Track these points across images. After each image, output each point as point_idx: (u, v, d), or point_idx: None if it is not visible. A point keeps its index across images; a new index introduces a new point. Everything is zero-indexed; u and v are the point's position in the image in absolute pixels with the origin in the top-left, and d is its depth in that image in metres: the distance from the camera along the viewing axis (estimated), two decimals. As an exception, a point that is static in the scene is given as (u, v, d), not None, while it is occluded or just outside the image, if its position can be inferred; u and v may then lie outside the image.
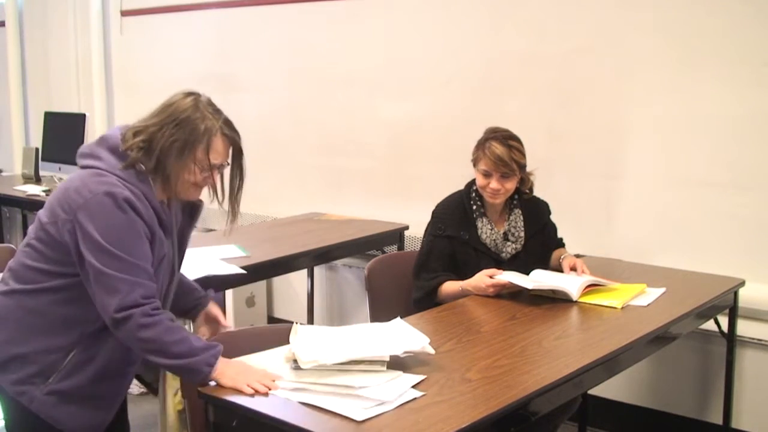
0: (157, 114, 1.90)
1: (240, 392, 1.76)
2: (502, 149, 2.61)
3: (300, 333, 2.01)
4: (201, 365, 1.78)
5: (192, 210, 2.13)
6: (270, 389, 1.76)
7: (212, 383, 1.80)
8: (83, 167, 1.88)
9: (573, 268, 2.69)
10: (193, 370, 1.79)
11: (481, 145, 2.66)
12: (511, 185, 2.67)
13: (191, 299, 2.21)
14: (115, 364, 1.92)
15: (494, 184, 2.63)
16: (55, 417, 1.86)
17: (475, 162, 2.69)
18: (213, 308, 2.23)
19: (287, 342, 1.97)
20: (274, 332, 2.13)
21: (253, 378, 1.79)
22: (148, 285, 1.81)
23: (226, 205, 2.01)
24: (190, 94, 1.95)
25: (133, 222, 1.80)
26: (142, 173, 1.86)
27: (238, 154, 1.99)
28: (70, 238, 1.80)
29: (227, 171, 2.00)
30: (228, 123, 1.98)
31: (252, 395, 1.74)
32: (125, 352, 1.91)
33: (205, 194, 2.06)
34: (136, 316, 1.76)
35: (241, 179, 2.00)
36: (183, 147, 1.86)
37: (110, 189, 1.79)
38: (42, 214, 1.88)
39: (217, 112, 1.96)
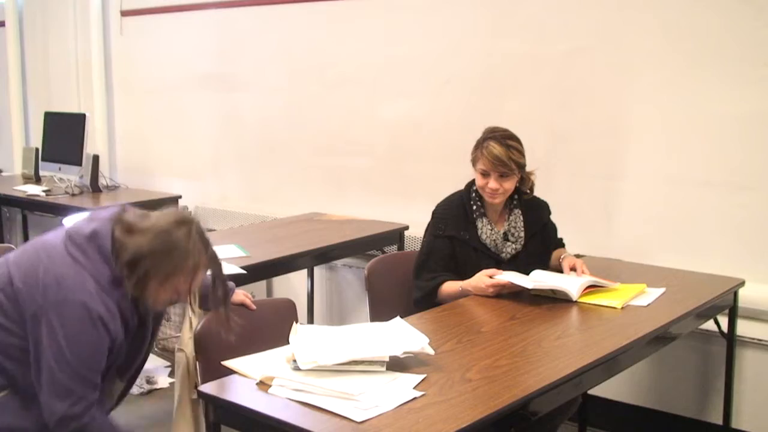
0: (152, 237, 1.90)
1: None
2: (500, 149, 2.61)
3: (300, 333, 2.01)
4: None
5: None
6: None
7: None
8: (71, 255, 1.89)
9: (573, 268, 2.69)
10: None
11: (480, 144, 2.66)
12: (509, 185, 2.67)
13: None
14: None
15: (492, 183, 2.63)
16: None
17: (474, 162, 2.69)
18: (238, 297, 2.39)
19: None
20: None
21: None
22: (91, 397, 1.89)
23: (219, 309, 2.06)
24: (183, 223, 1.93)
25: (101, 339, 1.87)
26: (122, 281, 1.89)
27: (219, 272, 2.02)
28: (31, 322, 1.86)
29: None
30: (213, 257, 1.99)
31: None
32: None
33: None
34: (73, 425, 1.86)
35: (225, 290, 2.04)
36: (167, 276, 1.90)
37: (88, 301, 1.84)
38: (15, 272, 1.91)
39: (206, 244, 1.96)
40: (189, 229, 1.92)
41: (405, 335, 2.02)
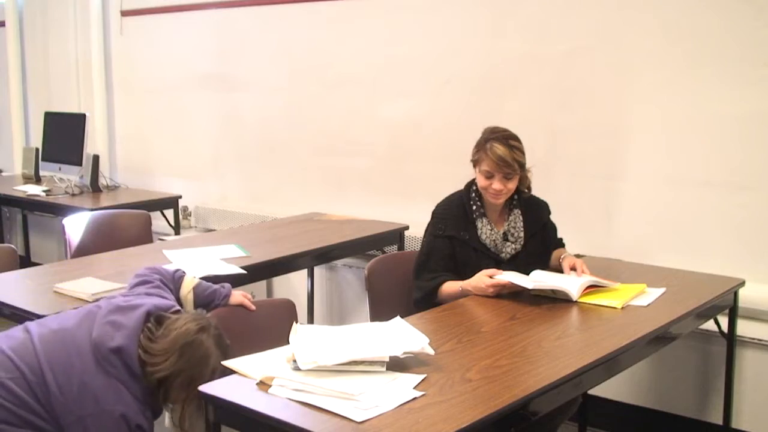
0: (180, 354, 1.97)
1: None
2: (503, 149, 2.60)
3: (300, 333, 2.01)
4: None
5: None
6: None
7: None
8: (101, 365, 1.93)
9: (573, 268, 2.69)
10: None
11: (482, 145, 2.65)
12: (513, 185, 2.67)
13: (215, 302, 2.36)
14: None
15: (497, 184, 2.63)
16: None
17: (477, 163, 2.68)
18: (236, 299, 2.43)
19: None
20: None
21: None
22: None
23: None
24: (204, 329, 2.02)
25: None
26: (150, 392, 1.98)
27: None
28: (74, 427, 1.89)
29: None
30: (226, 356, 2.04)
31: None
32: None
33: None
34: None
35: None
36: (193, 383, 1.94)
37: (127, 413, 1.91)
38: (47, 370, 1.92)
39: (223, 347, 2.05)
40: (209, 334, 2.02)
41: (405, 335, 2.02)
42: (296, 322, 2.12)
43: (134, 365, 1.96)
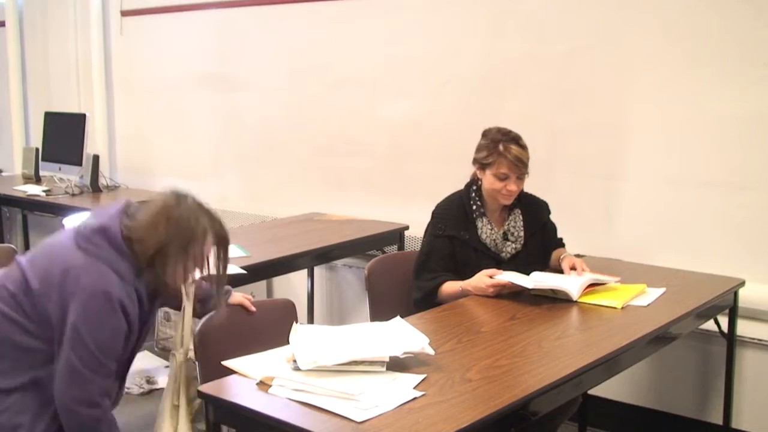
0: (165, 225, 1.96)
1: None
2: (519, 150, 2.61)
3: (300, 333, 2.01)
4: None
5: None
6: None
7: None
8: (82, 249, 1.92)
9: (573, 268, 2.69)
10: None
11: (494, 148, 2.63)
12: (522, 185, 2.68)
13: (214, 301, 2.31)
14: None
15: (512, 186, 2.63)
16: None
17: (488, 166, 2.65)
18: (236, 299, 2.39)
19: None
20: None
21: None
22: (106, 384, 1.92)
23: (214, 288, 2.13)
24: (182, 198, 2.01)
25: (119, 325, 1.90)
26: (142, 272, 1.95)
27: (225, 243, 2.06)
28: (57, 315, 1.88)
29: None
30: (218, 221, 2.05)
31: None
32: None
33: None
34: (86, 413, 1.89)
35: (225, 265, 2.08)
36: (186, 252, 1.96)
37: (108, 288, 1.88)
38: (30, 275, 1.92)
39: (205, 209, 2.03)
40: (188, 200, 2.00)
41: (405, 335, 2.02)
42: (296, 322, 2.12)
43: (119, 242, 1.93)
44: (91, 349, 1.86)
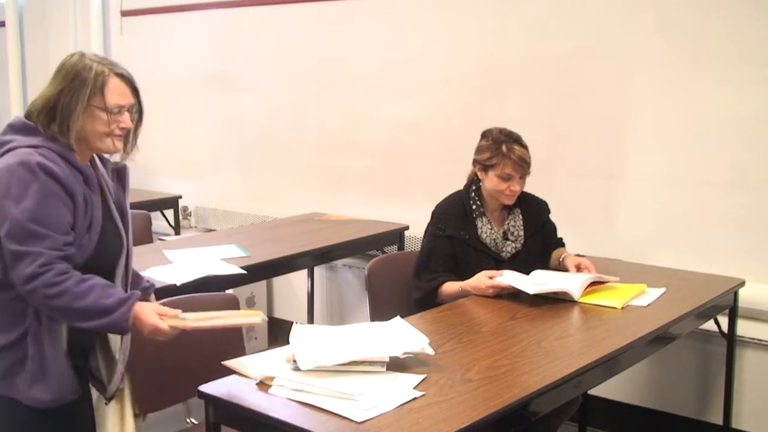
0: (51, 81, 1.94)
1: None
2: (522, 150, 2.62)
3: (300, 333, 2.01)
4: (119, 323, 1.83)
5: (119, 176, 2.11)
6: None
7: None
8: None
9: (578, 267, 2.69)
10: (112, 329, 1.88)
11: (497, 149, 2.64)
12: (524, 185, 2.70)
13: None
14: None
15: (516, 186, 2.64)
16: (34, 397, 1.87)
17: (492, 167, 2.65)
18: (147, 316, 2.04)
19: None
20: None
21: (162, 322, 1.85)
22: (50, 253, 1.79)
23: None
24: (72, 54, 1.98)
25: (46, 186, 1.81)
26: (55, 137, 1.89)
27: (135, 93, 2.00)
28: None
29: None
30: (119, 65, 1.98)
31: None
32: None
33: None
34: (39, 288, 1.78)
35: (140, 115, 2.02)
36: (82, 97, 1.89)
37: (22, 158, 1.82)
38: None
39: (105, 59, 1.98)
40: (81, 53, 1.97)
41: (405, 335, 2.02)
42: (296, 323, 2.12)
43: (21, 123, 1.91)
44: (18, 220, 1.78)
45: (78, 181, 1.88)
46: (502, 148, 2.62)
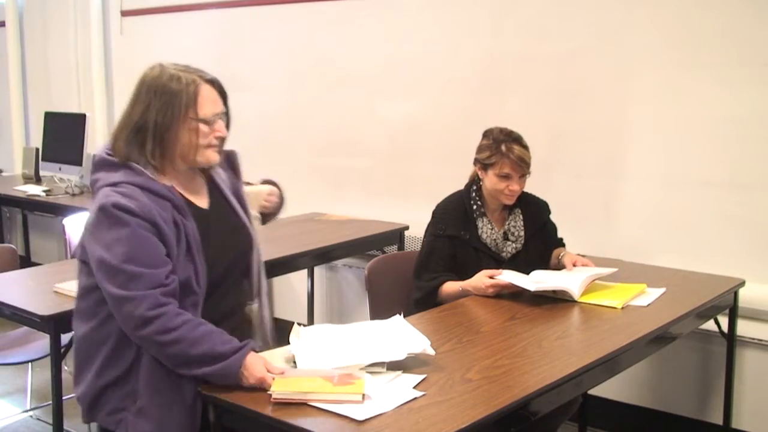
0: (132, 101, 1.88)
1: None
2: (521, 150, 2.62)
3: (300, 333, 2.00)
4: (232, 369, 1.74)
5: (230, 163, 2.11)
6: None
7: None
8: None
9: (575, 265, 2.69)
10: (223, 375, 1.75)
11: (496, 148, 2.64)
12: (524, 185, 2.69)
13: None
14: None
15: (515, 185, 2.64)
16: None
17: (491, 166, 2.65)
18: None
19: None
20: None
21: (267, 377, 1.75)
22: (153, 293, 1.73)
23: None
24: (150, 68, 1.91)
25: (128, 224, 1.75)
26: (137, 167, 1.83)
27: (224, 98, 1.98)
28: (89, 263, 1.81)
29: None
30: (203, 71, 1.93)
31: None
32: None
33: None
34: (153, 335, 1.73)
35: (228, 120, 2.01)
36: (176, 110, 1.81)
37: (102, 202, 1.78)
38: (76, 250, 1.90)
39: (188, 67, 1.91)
40: (161, 65, 1.89)
41: (406, 336, 2.02)
42: (296, 323, 2.11)
43: (103, 159, 1.87)
44: (112, 264, 1.72)
45: (165, 208, 1.81)
46: (501, 147, 2.63)
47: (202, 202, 1.98)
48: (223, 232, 1.96)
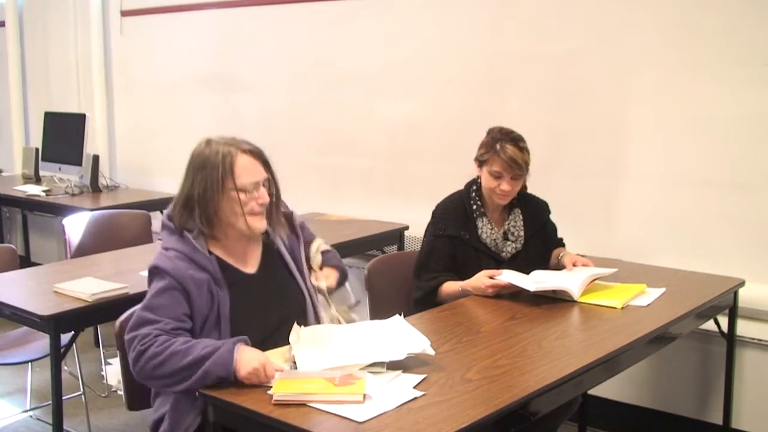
0: (184, 175, 2.05)
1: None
2: (515, 151, 2.60)
3: (301, 334, 2.00)
4: (224, 356, 1.79)
5: (289, 223, 2.22)
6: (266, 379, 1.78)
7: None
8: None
9: (575, 265, 2.69)
10: (218, 363, 1.80)
11: (492, 146, 2.64)
12: (518, 186, 2.69)
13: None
14: None
15: (505, 185, 2.63)
16: None
17: (485, 163, 2.66)
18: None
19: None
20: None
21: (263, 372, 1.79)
22: (154, 332, 1.87)
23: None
24: (201, 141, 2.07)
25: (161, 281, 1.94)
26: (188, 236, 2.00)
27: (266, 166, 2.12)
28: None
29: None
30: (245, 142, 2.08)
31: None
32: None
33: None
34: (144, 366, 1.85)
35: (275, 186, 2.13)
36: (215, 183, 1.97)
37: (151, 263, 1.99)
38: None
39: (231, 139, 2.07)
40: (207, 138, 2.06)
41: (406, 336, 2.01)
42: (297, 323, 2.11)
43: (167, 222, 2.04)
44: (136, 314, 1.93)
45: (202, 278, 1.96)
46: (496, 145, 2.63)
47: (251, 267, 2.11)
48: (269, 296, 2.09)
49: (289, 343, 1.96)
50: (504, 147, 2.61)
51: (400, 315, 2.19)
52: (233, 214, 1.99)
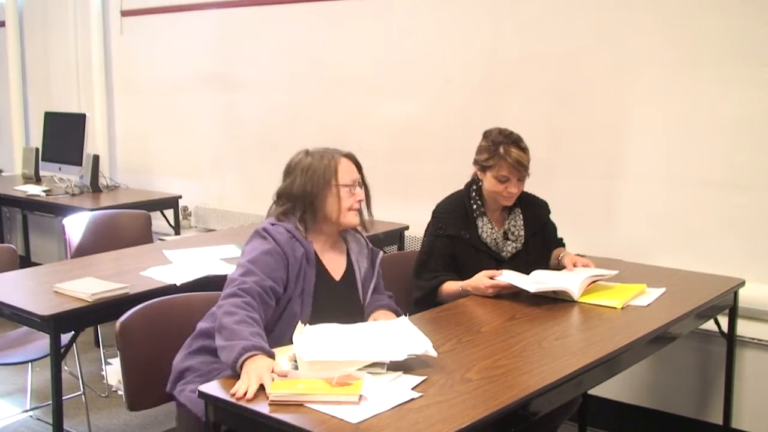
0: (283, 181, 2.35)
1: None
2: (519, 153, 2.60)
3: (305, 332, 2.00)
4: (236, 353, 1.88)
5: (371, 259, 2.43)
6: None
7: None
8: None
9: (575, 265, 2.69)
10: (224, 353, 1.92)
11: (495, 150, 2.63)
12: (523, 186, 2.69)
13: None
14: None
15: (513, 188, 2.63)
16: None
17: (489, 168, 2.65)
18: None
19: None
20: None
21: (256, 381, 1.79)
22: (253, 286, 2.08)
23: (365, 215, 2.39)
24: (298, 152, 2.36)
25: (266, 244, 2.19)
26: (289, 225, 2.25)
27: (359, 168, 2.35)
28: None
29: None
30: (339, 149, 2.34)
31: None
32: None
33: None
34: (225, 305, 2.04)
35: (366, 188, 2.37)
36: (323, 181, 2.25)
37: (258, 228, 2.25)
38: None
39: (327, 148, 2.34)
40: (305, 152, 2.33)
41: (408, 337, 2.01)
42: (300, 322, 2.11)
43: (270, 220, 2.30)
44: (241, 263, 2.15)
45: (292, 251, 2.20)
46: (499, 149, 2.62)
47: (336, 273, 2.33)
48: (344, 303, 2.32)
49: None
50: (508, 150, 2.60)
51: (406, 316, 2.19)
52: (336, 208, 2.25)
